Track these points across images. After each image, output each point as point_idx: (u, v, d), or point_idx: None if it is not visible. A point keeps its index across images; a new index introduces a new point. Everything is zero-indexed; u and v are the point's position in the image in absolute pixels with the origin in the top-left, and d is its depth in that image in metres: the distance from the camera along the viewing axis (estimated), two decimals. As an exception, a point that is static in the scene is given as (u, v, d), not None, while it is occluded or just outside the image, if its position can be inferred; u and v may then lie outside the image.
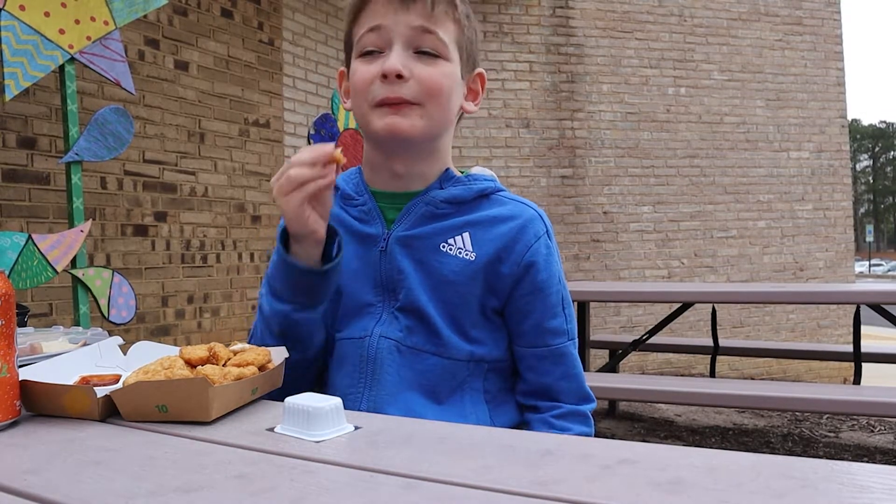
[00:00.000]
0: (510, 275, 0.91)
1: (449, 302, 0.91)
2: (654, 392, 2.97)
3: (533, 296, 0.93)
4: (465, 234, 0.92)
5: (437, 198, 0.94)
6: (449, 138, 0.98)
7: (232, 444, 0.59)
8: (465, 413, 0.92)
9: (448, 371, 0.91)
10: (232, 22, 3.98)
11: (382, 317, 0.93)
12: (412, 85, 0.88)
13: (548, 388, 0.94)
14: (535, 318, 0.93)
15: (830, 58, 6.18)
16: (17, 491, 0.49)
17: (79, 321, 2.45)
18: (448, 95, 0.91)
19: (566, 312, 0.96)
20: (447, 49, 0.90)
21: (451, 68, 0.91)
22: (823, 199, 6.12)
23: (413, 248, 0.92)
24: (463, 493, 0.47)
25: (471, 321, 0.92)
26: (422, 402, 0.90)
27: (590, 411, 0.96)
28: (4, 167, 2.83)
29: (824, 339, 6.02)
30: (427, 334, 0.91)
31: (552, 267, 0.94)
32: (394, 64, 0.87)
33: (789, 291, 3.23)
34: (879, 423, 3.97)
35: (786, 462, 0.50)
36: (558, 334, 0.94)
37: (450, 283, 0.91)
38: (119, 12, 2.57)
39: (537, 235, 0.93)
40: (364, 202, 0.96)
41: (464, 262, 0.91)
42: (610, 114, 5.59)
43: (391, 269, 0.93)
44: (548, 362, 0.94)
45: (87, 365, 0.84)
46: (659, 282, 5.58)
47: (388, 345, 0.91)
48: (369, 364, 0.91)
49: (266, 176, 4.23)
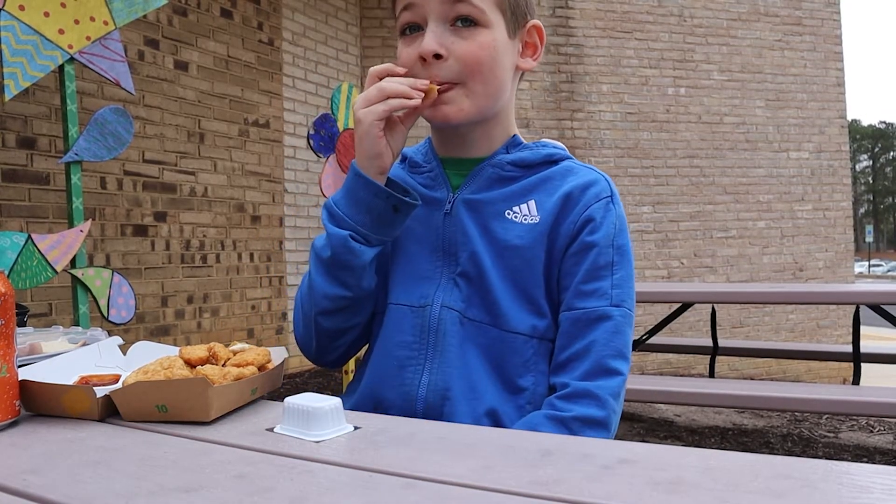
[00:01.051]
0: (567, 233, 0.88)
1: (513, 268, 0.87)
2: (654, 392, 2.97)
3: (581, 255, 0.87)
4: (530, 202, 0.89)
5: (503, 161, 0.92)
6: (508, 101, 0.94)
7: (232, 444, 0.59)
8: (538, 405, 0.86)
9: (510, 346, 0.86)
10: (232, 22, 3.98)
11: (441, 283, 0.90)
12: (451, 64, 0.86)
13: (567, 360, 0.86)
14: (580, 277, 0.87)
15: (830, 58, 6.19)
16: (17, 491, 0.49)
17: (78, 321, 2.45)
18: (491, 66, 0.87)
19: (615, 277, 0.87)
20: (485, 14, 0.86)
21: (492, 35, 0.87)
22: (823, 199, 6.12)
23: (479, 212, 0.90)
24: (462, 493, 0.47)
25: (536, 288, 0.87)
26: (490, 380, 0.86)
27: (608, 391, 0.83)
28: (4, 167, 2.83)
29: (824, 339, 6.03)
30: (486, 304, 0.87)
31: (609, 228, 0.88)
32: (429, 44, 0.84)
33: (789, 292, 3.23)
34: (879, 423, 3.97)
35: (785, 462, 0.50)
36: (599, 296, 0.86)
37: (514, 248, 0.87)
38: (119, 12, 2.57)
39: (599, 197, 0.89)
40: (431, 168, 0.95)
41: (528, 226, 0.88)
42: (610, 114, 5.59)
43: (455, 232, 0.90)
44: (580, 326, 0.85)
45: (87, 365, 0.84)
46: (658, 282, 5.58)
47: (451, 316, 0.87)
48: (431, 335, 0.88)
49: (266, 176, 4.23)
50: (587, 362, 0.84)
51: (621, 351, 0.85)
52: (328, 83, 4.73)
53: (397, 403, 0.86)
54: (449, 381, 0.85)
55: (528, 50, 0.94)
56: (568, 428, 0.81)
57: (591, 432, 0.81)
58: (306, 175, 4.57)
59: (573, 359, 0.85)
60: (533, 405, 0.86)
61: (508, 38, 0.90)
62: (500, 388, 0.86)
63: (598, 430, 0.82)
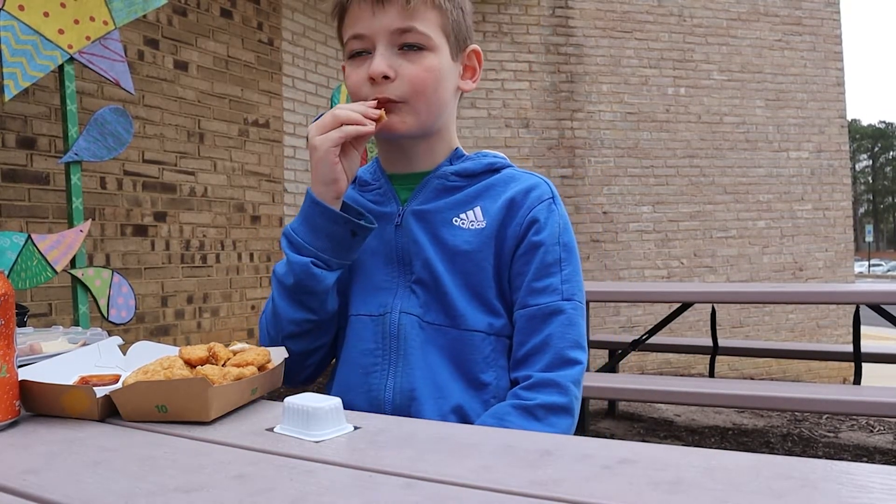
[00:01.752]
0: (514, 235, 0.92)
1: (464, 272, 0.92)
2: (654, 392, 2.96)
3: (530, 254, 0.92)
4: (476, 209, 0.94)
5: (447, 172, 0.97)
6: (449, 118, 1.00)
7: (231, 444, 0.59)
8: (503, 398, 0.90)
9: (469, 344, 0.91)
10: (231, 22, 3.98)
11: (398, 292, 0.94)
12: (398, 84, 0.90)
13: (527, 355, 0.90)
14: (530, 276, 0.91)
15: (830, 58, 6.19)
16: (17, 491, 0.49)
17: (78, 321, 2.45)
18: (435, 87, 0.92)
19: (563, 273, 0.92)
20: (431, 39, 0.92)
21: (437, 58, 0.92)
22: (823, 199, 6.12)
23: (427, 222, 0.94)
24: (462, 493, 0.47)
25: (488, 289, 0.92)
26: (456, 379, 0.90)
27: (568, 379, 0.88)
28: (4, 167, 2.83)
29: (824, 339, 6.03)
30: (443, 308, 0.91)
31: (553, 227, 0.93)
32: (379, 66, 0.89)
33: (789, 291, 3.23)
34: (879, 423, 3.97)
35: (785, 462, 0.50)
36: (550, 292, 0.91)
37: (463, 252, 0.92)
38: (118, 12, 2.57)
39: (541, 199, 0.94)
40: (380, 185, 1.00)
41: (475, 231, 0.93)
42: (609, 114, 5.59)
43: (407, 242, 0.94)
44: (536, 322, 0.90)
45: (87, 365, 0.84)
46: (658, 282, 5.58)
47: (410, 321, 0.92)
48: (393, 340, 0.92)
49: (266, 176, 4.23)
50: (547, 355, 0.89)
51: (577, 342, 0.90)
52: (328, 83, 4.73)
53: (365, 409, 0.88)
54: (414, 383, 0.89)
55: (467, 72, 1.00)
56: (533, 415, 0.85)
57: (555, 418, 0.86)
58: (306, 175, 4.57)
59: (533, 353, 0.90)
60: (497, 399, 0.90)
61: (451, 61, 0.95)
62: (463, 385, 0.90)
63: (562, 415, 0.87)
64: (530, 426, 0.84)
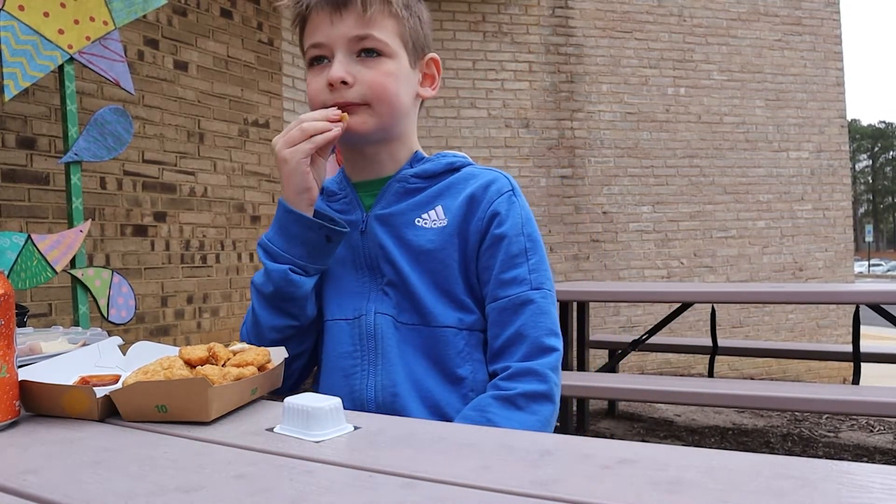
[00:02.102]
0: (476, 230, 0.94)
1: (431, 270, 0.94)
2: (654, 392, 2.96)
3: (495, 247, 0.94)
4: (437, 208, 0.96)
5: (408, 174, 0.99)
6: (410, 124, 1.02)
7: (231, 444, 0.59)
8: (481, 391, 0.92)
9: (442, 340, 0.93)
10: (231, 22, 3.98)
11: (371, 295, 0.96)
12: (357, 88, 0.93)
13: (503, 347, 0.92)
14: (497, 269, 0.93)
15: (830, 58, 6.19)
16: (17, 491, 0.49)
17: (78, 321, 2.45)
18: (395, 92, 0.95)
19: (530, 263, 0.94)
20: (388, 46, 0.94)
21: (395, 64, 0.95)
22: (823, 199, 6.12)
23: (391, 225, 0.96)
24: (462, 493, 0.47)
25: (455, 286, 0.94)
26: (433, 376, 0.92)
27: (546, 366, 0.89)
28: (4, 167, 2.83)
29: (824, 339, 6.03)
30: (414, 307, 0.94)
31: (515, 219, 0.95)
32: (337, 72, 0.92)
33: (788, 291, 3.23)
34: (879, 423, 3.97)
35: (785, 462, 0.50)
36: (518, 283, 0.93)
37: (428, 251, 0.94)
38: (118, 12, 2.57)
39: (500, 192, 0.96)
40: (346, 194, 1.02)
41: (437, 230, 0.95)
42: (609, 114, 5.59)
43: (373, 247, 0.96)
44: (508, 314, 0.92)
45: (87, 365, 0.84)
46: (658, 282, 5.58)
47: (386, 321, 0.94)
48: (370, 341, 0.94)
49: (266, 176, 4.23)
50: (524, 345, 0.90)
51: (551, 329, 0.92)
52: (328, 83, 4.73)
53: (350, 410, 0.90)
54: (394, 380, 0.91)
55: (426, 80, 1.03)
56: (515, 404, 0.87)
57: (537, 406, 0.87)
58: (306, 175, 4.56)
59: (509, 344, 0.91)
60: (476, 392, 0.92)
61: (409, 68, 0.98)
62: (441, 380, 0.93)
63: (544, 402, 0.88)
64: (513, 415, 0.86)
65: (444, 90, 5.16)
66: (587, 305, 3.95)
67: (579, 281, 5.23)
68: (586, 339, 3.90)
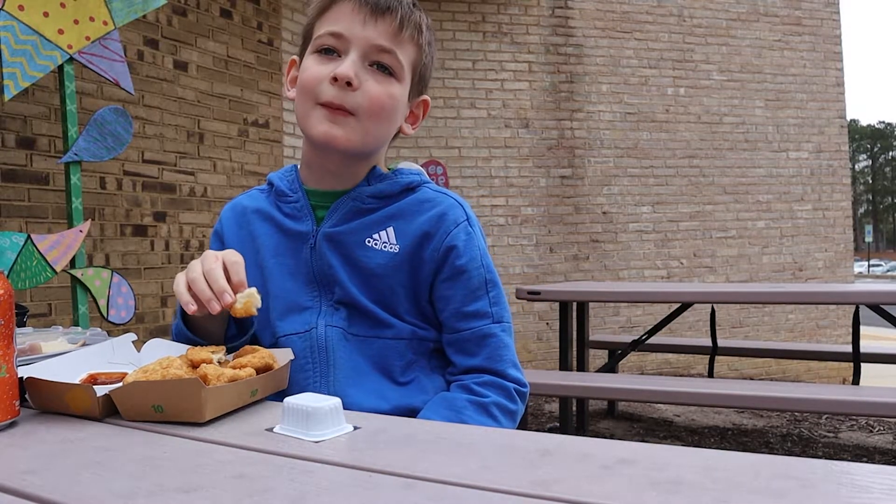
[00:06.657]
0: (431, 260, 0.94)
1: (380, 291, 0.94)
2: (653, 392, 2.96)
3: (453, 280, 0.95)
4: (389, 229, 0.95)
5: (363, 193, 0.97)
6: (383, 152, 1.01)
7: (231, 445, 0.59)
8: (424, 389, 0.95)
9: (395, 350, 0.94)
10: (231, 22, 3.98)
11: (322, 310, 0.96)
12: (357, 96, 0.90)
13: (473, 368, 0.95)
14: (457, 302, 0.95)
15: (829, 58, 6.19)
16: (17, 491, 0.49)
17: (78, 321, 2.45)
18: (389, 115, 0.94)
19: (490, 296, 0.96)
20: (402, 70, 0.94)
21: (400, 90, 0.95)
22: (822, 199, 6.12)
23: (341, 244, 0.95)
24: (462, 493, 0.47)
25: (405, 309, 0.95)
26: (381, 382, 0.93)
27: (514, 390, 0.94)
28: (4, 167, 2.83)
29: (823, 339, 6.02)
30: (365, 323, 0.94)
31: (473, 251, 0.95)
32: (346, 70, 0.89)
33: (788, 291, 3.23)
34: (878, 423, 3.98)
35: (785, 462, 0.50)
36: (480, 317, 0.95)
37: (377, 276, 0.94)
38: (118, 12, 2.57)
39: (457, 222, 0.96)
40: (297, 199, 0.99)
41: (388, 255, 0.94)
42: (609, 114, 5.59)
43: (322, 265, 0.96)
44: (472, 345, 0.94)
45: (99, 362, 0.84)
46: (658, 282, 5.58)
47: (336, 333, 0.94)
48: (322, 353, 0.94)
49: (265, 176, 4.23)
50: (489, 374, 0.94)
51: (514, 362, 0.96)
52: (328, 83, 4.73)
53: None
54: (347, 389, 0.92)
55: (410, 117, 1.02)
56: (489, 413, 0.90)
57: (507, 421, 0.91)
58: (306, 175, 4.56)
59: (473, 370, 0.94)
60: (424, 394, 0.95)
61: (406, 100, 0.98)
62: (395, 389, 0.94)
63: (511, 420, 0.92)
64: (487, 423, 0.89)
65: (444, 90, 5.17)
66: (587, 305, 3.95)
67: (579, 281, 5.23)
68: (586, 339, 3.90)
